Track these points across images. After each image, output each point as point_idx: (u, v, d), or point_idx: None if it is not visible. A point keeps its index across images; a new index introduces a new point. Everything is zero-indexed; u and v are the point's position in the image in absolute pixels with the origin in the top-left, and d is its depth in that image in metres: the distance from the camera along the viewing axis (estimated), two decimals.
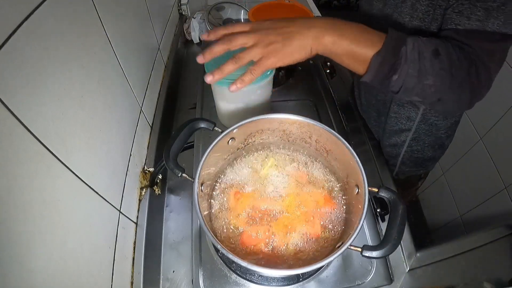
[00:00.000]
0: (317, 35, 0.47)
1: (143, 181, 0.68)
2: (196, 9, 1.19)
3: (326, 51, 0.49)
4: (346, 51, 0.48)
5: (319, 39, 0.47)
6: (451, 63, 0.46)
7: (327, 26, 0.48)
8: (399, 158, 0.83)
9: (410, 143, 0.78)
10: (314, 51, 0.49)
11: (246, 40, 0.48)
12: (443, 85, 0.47)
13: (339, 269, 0.59)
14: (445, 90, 0.48)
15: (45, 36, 0.37)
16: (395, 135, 0.78)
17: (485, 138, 1.15)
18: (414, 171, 0.88)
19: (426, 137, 0.76)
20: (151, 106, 0.80)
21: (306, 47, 0.48)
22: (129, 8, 0.68)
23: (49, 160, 0.36)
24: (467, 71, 0.47)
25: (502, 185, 1.07)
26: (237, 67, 0.49)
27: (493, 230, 0.63)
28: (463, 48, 0.48)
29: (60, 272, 0.37)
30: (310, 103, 0.89)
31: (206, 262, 0.59)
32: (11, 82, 0.31)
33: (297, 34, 0.48)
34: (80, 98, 0.44)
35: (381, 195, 0.48)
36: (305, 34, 0.48)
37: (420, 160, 0.83)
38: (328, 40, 0.47)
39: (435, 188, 1.48)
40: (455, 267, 0.61)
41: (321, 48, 0.48)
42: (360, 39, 0.47)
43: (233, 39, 0.49)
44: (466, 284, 0.58)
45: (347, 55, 0.48)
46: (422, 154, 0.81)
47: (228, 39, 0.49)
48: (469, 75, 0.47)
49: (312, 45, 0.48)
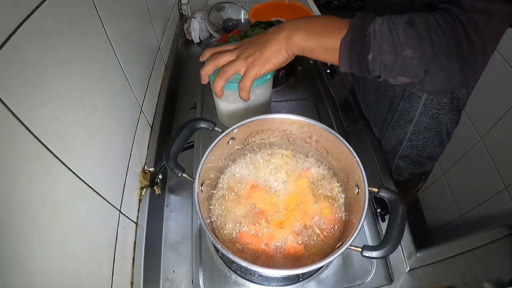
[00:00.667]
0: (287, 37, 0.50)
1: (143, 181, 0.68)
2: (197, 9, 1.19)
3: (300, 49, 0.51)
4: (317, 44, 0.49)
5: (289, 39, 0.50)
6: (429, 29, 0.43)
7: (295, 26, 0.50)
8: (398, 153, 0.84)
9: (410, 137, 0.78)
10: (290, 52, 0.52)
11: (229, 57, 0.55)
12: (424, 54, 0.43)
13: (339, 269, 0.59)
14: (429, 59, 0.44)
15: (45, 36, 0.37)
16: (398, 128, 0.79)
17: (485, 138, 1.15)
18: (411, 168, 0.88)
19: (426, 131, 0.77)
20: (151, 106, 0.80)
21: (281, 50, 0.51)
22: (129, 8, 0.68)
23: (49, 160, 0.36)
24: (453, 34, 0.42)
25: (502, 185, 1.07)
26: (224, 80, 0.55)
27: (493, 230, 0.63)
28: (449, 11, 0.43)
29: (60, 272, 0.37)
30: (310, 103, 0.89)
31: (206, 262, 0.59)
32: (11, 82, 0.31)
33: (270, 41, 0.51)
34: (80, 98, 0.44)
35: (381, 195, 0.48)
36: (276, 38, 0.51)
37: (419, 157, 0.83)
38: (298, 39, 0.49)
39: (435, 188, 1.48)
40: (455, 267, 0.61)
41: (294, 48, 0.51)
42: (328, 30, 0.48)
43: (219, 57, 0.55)
44: (466, 284, 0.58)
45: (319, 48, 0.49)
46: (421, 151, 0.81)
47: (214, 57, 0.56)
48: (457, 39, 0.42)
49: (286, 47, 0.51)
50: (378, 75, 0.47)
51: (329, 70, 0.98)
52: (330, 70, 0.98)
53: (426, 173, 0.95)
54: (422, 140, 0.79)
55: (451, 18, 0.43)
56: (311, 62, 1.03)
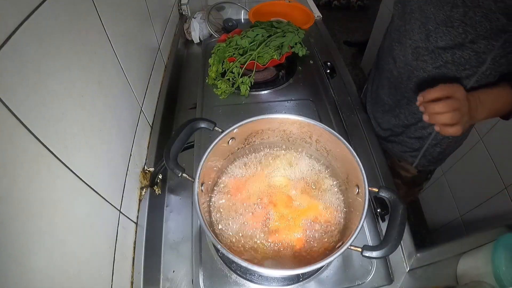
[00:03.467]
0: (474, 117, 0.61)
1: (143, 181, 0.68)
2: (196, 9, 1.19)
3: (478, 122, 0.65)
4: (491, 116, 0.64)
5: (474, 119, 0.61)
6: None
7: (481, 111, 0.61)
8: (422, 151, 0.85)
9: (436, 136, 0.80)
10: None
11: None
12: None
13: (339, 269, 0.59)
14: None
15: (45, 36, 0.37)
16: (422, 129, 0.80)
17: (485, 138, 1.15)
18: (432, 164, 0.90)
19: None
20: (151, 106, 0.80)
21: None
22: (129, 8, 0.68)
23: (49, 160, 0.36)
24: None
25: (502, 185, 1.07)
26: None
27: (493, 230, 0.63)
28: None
29: (60, 272, 0.37)
30: (310, 103, 0.89)
31: (206, 262, 0.59)
32: (11, 82, 0.31)
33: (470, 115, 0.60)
34: (80, 98, 0.44)
35: (381, 195, 0.48)
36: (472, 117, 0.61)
37: (441, 154, 0.85)
38: (481, 117, 0.62)
39: (435, 188, 1.48)
40: (455, 267, 0.61)
41: (475, 122, 0.63)
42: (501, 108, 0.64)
43: None
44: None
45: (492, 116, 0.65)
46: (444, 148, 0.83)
47: None
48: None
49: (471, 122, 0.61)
50: None
51: (329, 70, 0.98)
52: (330, 70, 0.98)
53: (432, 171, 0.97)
54: (446, 139, 0.80)
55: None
56: (311, 62, 1.03)
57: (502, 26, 0.56)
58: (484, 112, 0.61)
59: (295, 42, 0.92)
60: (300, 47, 0.93)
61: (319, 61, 1.03)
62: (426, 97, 0.57)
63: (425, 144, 0.82)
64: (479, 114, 0.60)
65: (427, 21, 0.64)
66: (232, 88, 0.88)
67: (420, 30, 0.67)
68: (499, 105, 0.63)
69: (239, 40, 0.90)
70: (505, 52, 0.61)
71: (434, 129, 0.77)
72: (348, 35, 2.87)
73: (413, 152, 0.86)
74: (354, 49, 2.71)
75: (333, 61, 1.01)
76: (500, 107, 0.63)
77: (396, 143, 0.87)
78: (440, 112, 0.55)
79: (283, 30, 0.93)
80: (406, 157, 0.88)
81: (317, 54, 1.07)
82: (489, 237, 0.61)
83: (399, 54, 0.74)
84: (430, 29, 0.64)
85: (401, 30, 0.72)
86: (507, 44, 0.59)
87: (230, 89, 0.87)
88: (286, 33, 0.92)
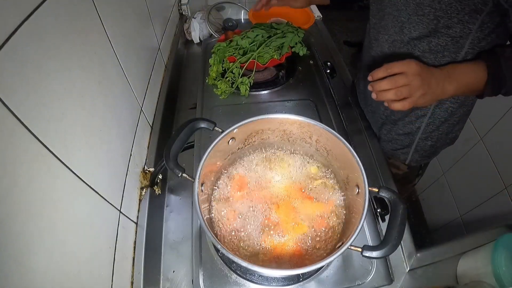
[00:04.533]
0: (442, 88, 0.60)
1: (143, 181, 0.68)
2: (196, 9, 1.19)
3: (449, 97, 0.64)
4: (465, 92, 0.63)
5: (444, 91, 0.60)
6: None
7: (448, 78, 0.60)
8: (413, 146, 0.85)
9: (425, 129, 0.80)
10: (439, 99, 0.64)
11: None
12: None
13: (339, 269, 0.59)
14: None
15: (45, 36, 0.37)
16: (409, 124, 0.80)
17: (485, 138, 1.15)
18: (426, 159, 0.90)
19: (440, 124, 0.78)
20: (151, 106, 0.80)
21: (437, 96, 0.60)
22: (129, 8, 0.68)
23: (49, 160, 0.36)
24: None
25: (502, 185, 1.07)
26: None
27: (493, 230, 0.63)
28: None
29: (60, 272, 0.37)
30: (310, 103, 0.89)
31: (206, 262, 0.59)
32: (11, 82, 0.31)
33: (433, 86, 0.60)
34: (80, 98, 0.44)
35: (381, 195, 0.48)
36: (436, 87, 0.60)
37: (433, 147, 0.85)
38: (450, 90, 0.60)
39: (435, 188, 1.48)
40: (455, 267, 0.61)
41: (445, 96, 0.61)
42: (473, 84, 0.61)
43: None
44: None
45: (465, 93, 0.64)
46: (435, 142, 0.83)
47: None
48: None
49: (440, 95, 0.60)
50: None
51: (329, 70, 0.98)
52: (330, 70, 0.98)
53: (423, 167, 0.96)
54: (436, 132, 0.80)
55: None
56: (311, 62, 1.03)
57: (474, 5, 0.55)
58: (452, 85, 0.59)
59: (295, 42, 0.92)
60: (301, 47, 0.93)
61: (319, 61, 1.03)
62: (374, 76, 0.58)
63: (415, 139, 0.83)
64: (447, 87, 0.59)
65: (399, 13, 0.65)
66: (232, 88, 0.88)
67: (393, 23, 0.67)
68: (470, 79, 0.60)
69: (240, 40, 0.90)
70: (483, 35, 0.60)
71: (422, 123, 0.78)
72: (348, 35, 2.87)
73: (404, 149, 0.87)
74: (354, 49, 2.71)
75: (333, 61, 1.01)
76: (472, 81, 0.61)
77: (386, 142, 0.88)
78: (385, 89, 0.56)
79: (282, 31, 0.93)
80: (398, 154, 0.88)
81: (317, 54, 1.07)
82: (489, 237, 0.61)
83: (377, 50, 0.75)
84: (403, 20, 0.65)
85: (377, 27, 0.73)
86: (484, 26, 0.58)
87: (230, 89, 0.87)
88: (286, 34, 0.92)
